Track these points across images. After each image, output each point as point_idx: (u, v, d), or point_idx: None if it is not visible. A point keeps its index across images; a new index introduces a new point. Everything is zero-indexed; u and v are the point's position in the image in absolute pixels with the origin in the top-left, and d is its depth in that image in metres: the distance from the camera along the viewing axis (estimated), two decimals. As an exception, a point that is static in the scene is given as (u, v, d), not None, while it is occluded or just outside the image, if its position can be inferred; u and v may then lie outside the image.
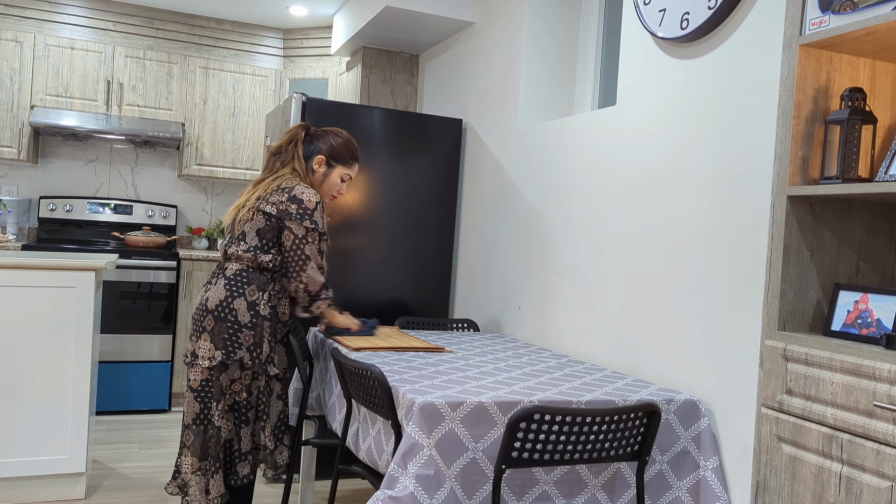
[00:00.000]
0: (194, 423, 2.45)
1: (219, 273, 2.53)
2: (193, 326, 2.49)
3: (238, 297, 2.45)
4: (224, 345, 2.43)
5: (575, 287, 2.82)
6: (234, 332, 2.44)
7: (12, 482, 3.00)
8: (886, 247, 1.79)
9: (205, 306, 2.46)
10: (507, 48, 3.42)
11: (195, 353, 2.45)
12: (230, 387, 2.47)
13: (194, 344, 2.47)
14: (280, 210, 2.46)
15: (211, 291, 2.47)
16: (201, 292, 2.52)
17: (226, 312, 2.44)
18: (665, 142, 2.40)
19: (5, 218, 4.71)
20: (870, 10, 1.53)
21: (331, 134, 2.67)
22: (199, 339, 2.45)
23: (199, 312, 2.48)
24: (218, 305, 2.44)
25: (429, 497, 1.77)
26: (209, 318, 2.44)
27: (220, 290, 2.46)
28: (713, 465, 2.05)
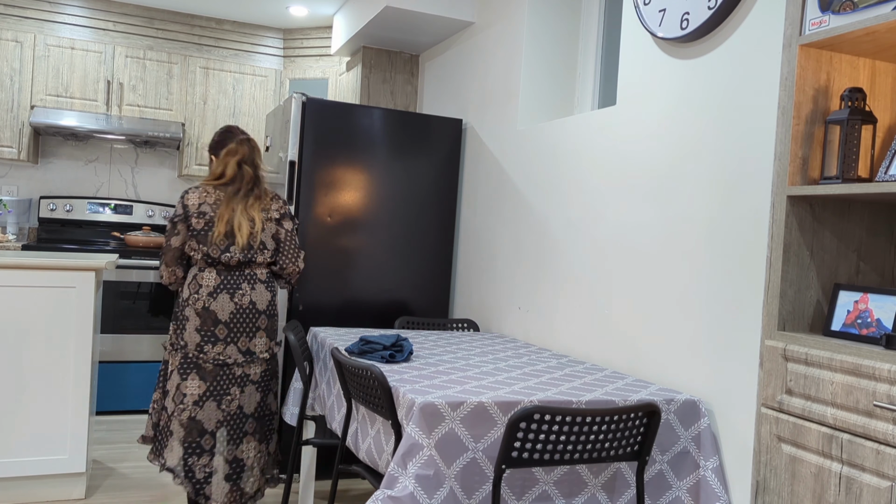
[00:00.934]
0: (256, 412, 2.84)
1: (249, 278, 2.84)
2: (241, 329, 2.79)
3: (275, 293, 2.92)
4: (275, 335, 2.91)
5: (575, 287, 2.82)
6: (276, 322, 2.92)
7: (12, 482, 3.00)
8: (886, 247, 1.79)
9: (254, 308, 2.81)
10: (507, 48, 3.42)
11: (251, 352, 2.81)
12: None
13: (248, 343, 2.80)
14: None
15: (254, 295, 2.82)
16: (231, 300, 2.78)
17: (273, 310, 2.89)
18: (665, 142, 2.40)
19: (5, 218, 4.71)
20: (870, 10, 1.53)
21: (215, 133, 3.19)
22: (254, 338, 2.81)
23: (246, 316, 2.80)
24: (268, 306, 2.85)
25: (428, 497, 1.77)
26: (262, 318, 2.83)
27: (262, 292, 2.85)
28: (713, 465, 2.05)
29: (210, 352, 2.74)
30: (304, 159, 3.48)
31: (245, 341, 2.78)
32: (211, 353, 2.74)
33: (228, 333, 2.75)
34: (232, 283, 2.77)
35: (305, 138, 3.48)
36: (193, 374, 2.74)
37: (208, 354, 2.74)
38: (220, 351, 2.75)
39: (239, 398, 2.78)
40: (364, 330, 3.07)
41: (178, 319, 2.78)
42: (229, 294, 2.75)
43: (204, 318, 2.74)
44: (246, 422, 2.80)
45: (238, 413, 2.79)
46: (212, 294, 2.75)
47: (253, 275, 2.82)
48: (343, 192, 3.56)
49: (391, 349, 2.44)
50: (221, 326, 2.75)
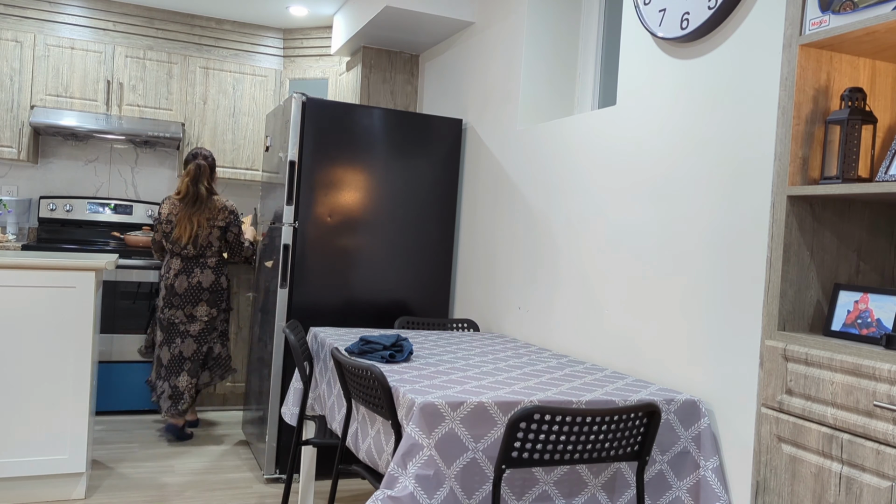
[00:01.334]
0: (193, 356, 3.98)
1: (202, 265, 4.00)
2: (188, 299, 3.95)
3: (221, 275, 4.06)
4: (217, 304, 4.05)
5: (575, 287, 2.82)
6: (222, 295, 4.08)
7: (12, 482, 3.00)
8: (886, 247, 1.79)
9: (199, 286, 3.97)
10: (507, 48, 3.42)
11: (193, 316, 3.96)
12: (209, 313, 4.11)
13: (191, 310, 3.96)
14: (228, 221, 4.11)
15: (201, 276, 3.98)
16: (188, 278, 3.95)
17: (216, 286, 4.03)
18: (665, 141, 2.40)
19: (5, 218, 4.71)
20: (870, 10, 1.53)
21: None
22: (197, 306, 3.96)
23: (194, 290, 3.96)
24: (212, 284, 4.01)
25: (428, 497, 1.77)
26: (205, 293, 3.98)
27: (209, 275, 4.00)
28: (713, 465, 2.05)
29: (166, 313, 3.94)
30: (304, 159, 3.48)
31: (189, 308, 3.95)
32: (167, 314, 3.94)
33: (180, 302, 3.93)
34: (188, 269, 3.96)
35: (305, 138, 3.47)
36: (158, 327, 4.01)
37: (164, 314, 3.95)
38: (172, 314, 3.94)
39: (180, 346, 3.94)
40: (364, 330, 3.07)
41: (158, 289, 4.07)
42: (186, 275, 3.95)
43: (168, 290, 3.94)
44: (184, 363, 3.95)
45: (178, 356, 3.95)
46: (176, 275, 3.94)
47: (204, 262, 3.98)
48: (343, 192, 3.55)
49: (391, 349, 2.44)
50: (177, 297, 3.94)
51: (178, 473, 3.52)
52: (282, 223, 3.49)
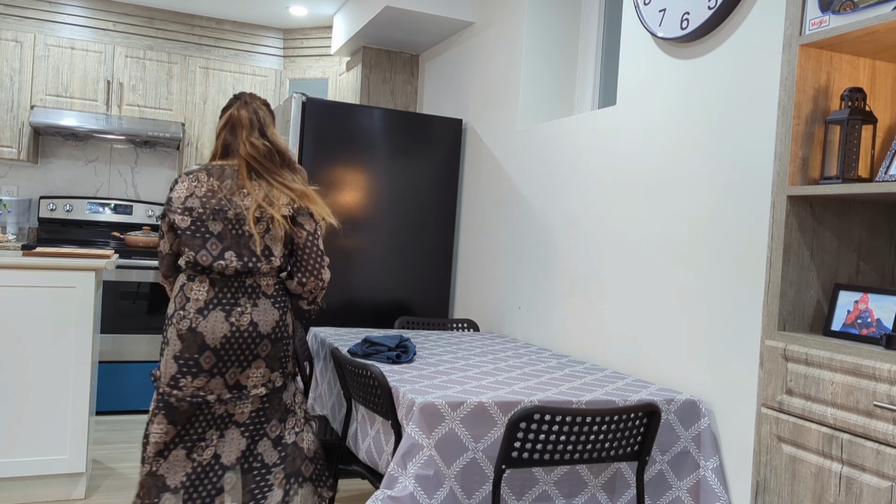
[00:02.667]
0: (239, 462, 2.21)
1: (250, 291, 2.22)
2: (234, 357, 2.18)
3: (287, 311, 2.29)
4: (281, 364, 2.27)
5: (575, 287, 2.82)
6: (287, 346, 2.28)
7: (12, 482, 3.00)
8: (886, 247, 1.79)
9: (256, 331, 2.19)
10: (507, 48, 3.42)
11: (240, 385, 2.20)
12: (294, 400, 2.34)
13: (238, 376, 2.19)
14: None
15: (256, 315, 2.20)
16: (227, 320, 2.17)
17: (282, 332, 2.25)
18: (665, 142, 2.40)
19: (5, 218, 4.71)
20: (870, 10, 1.53)
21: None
22: (249, 369, 2.19)
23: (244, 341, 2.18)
24: (275, 329, 2.23)
25: (428, 497, 1.77)
26: (265, 344, 2.21)
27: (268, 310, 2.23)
28: (713, 465, 2.05)
29: (188, 386, 2.15)
30: (304, 159, 3.48)
31: (235, 372, 2.17)
32: (189, 387, 2.15)
33: (216, 363, 2.15)
34: (228, 299, 2.19)
35: (305, 138, 3.48)
36: (161, 416, 2.16)
37: (184, 390, 2.15)
38: (200, 385, 2.14)
39: (216, 444, 2.19)
40: (364, 330, 3.07)
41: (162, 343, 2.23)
42: (224, 312, 2.16)
43: (188, 342, 2.15)
44: (222, 476, 2.17)
45: (212, 464, 2.18)
46: (201, 311, 2.16)
47: (256, 287, 2.21)
48: (343, 192, 3.56)
49: (396, 349, 2.43)
50: (209, 354, 2.15)
51: (178, 473, 3.52)
52: (282, 223, 3.49)
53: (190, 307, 2.17)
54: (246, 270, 2.20)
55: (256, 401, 2.23)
